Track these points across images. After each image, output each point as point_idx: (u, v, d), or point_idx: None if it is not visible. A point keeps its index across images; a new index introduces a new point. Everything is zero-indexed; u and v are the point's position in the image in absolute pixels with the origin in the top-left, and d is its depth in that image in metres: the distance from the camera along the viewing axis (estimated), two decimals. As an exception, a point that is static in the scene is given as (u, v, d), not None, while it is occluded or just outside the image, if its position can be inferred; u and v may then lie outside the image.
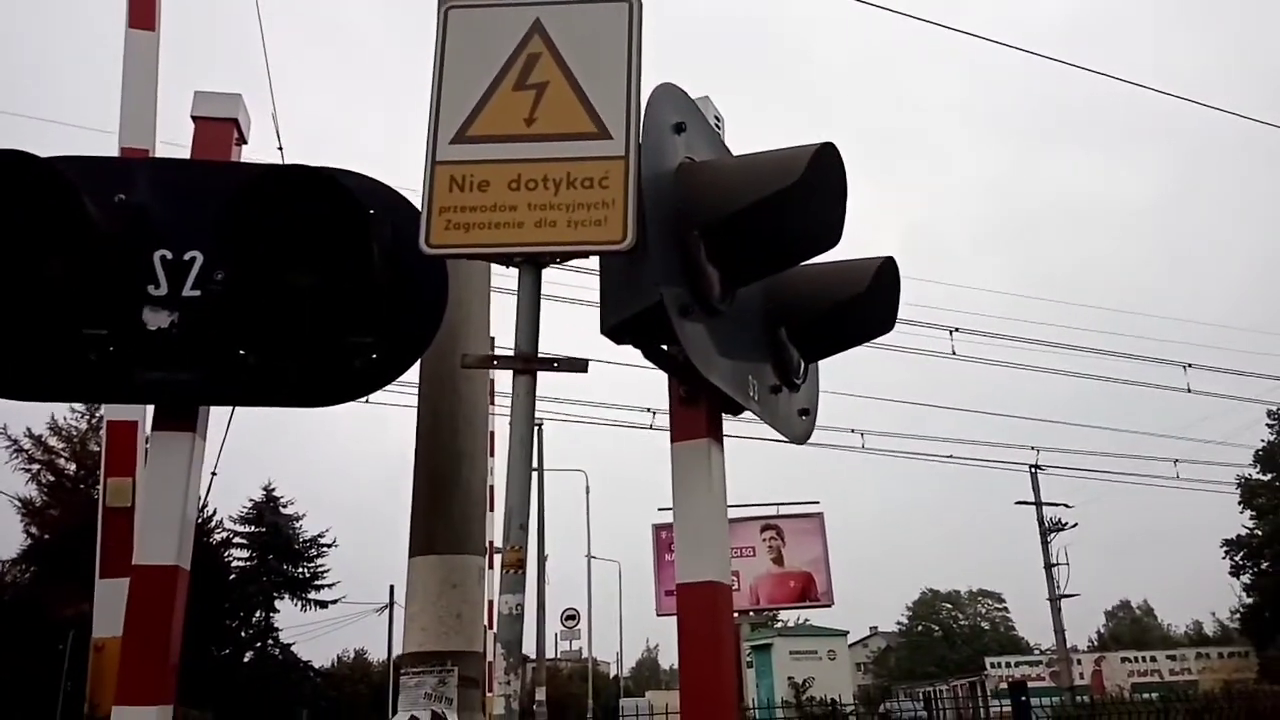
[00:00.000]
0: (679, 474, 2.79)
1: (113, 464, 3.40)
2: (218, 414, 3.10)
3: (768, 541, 24.91)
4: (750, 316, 2.97)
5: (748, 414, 3.06)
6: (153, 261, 2.68)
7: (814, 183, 2.47)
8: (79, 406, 35.26)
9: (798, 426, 3.39)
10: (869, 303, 3.07)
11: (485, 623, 3.88)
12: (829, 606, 25.05)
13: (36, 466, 36.73)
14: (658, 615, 25.17)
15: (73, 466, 37.38)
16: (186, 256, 2.70)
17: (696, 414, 2.82)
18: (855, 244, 2.87)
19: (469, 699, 3.46)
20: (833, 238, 2.71)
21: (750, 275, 2.81)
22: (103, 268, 2.57)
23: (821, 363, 3.61)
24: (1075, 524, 39.50)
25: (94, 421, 35.27)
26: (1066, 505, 39.67)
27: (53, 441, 37.09)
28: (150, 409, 3.13)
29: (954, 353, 27.96)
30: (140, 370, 2.65)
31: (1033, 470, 38.25)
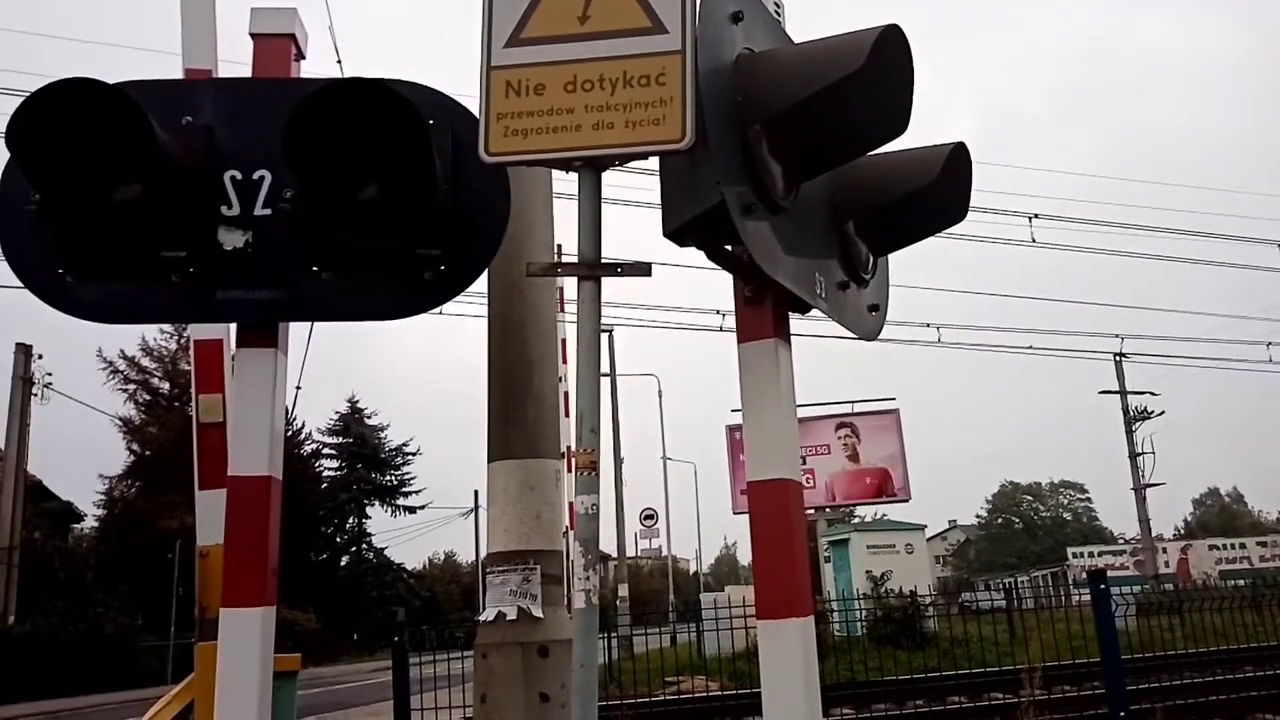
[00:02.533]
0: (747, 374, 2.80)
1: (202, 381, 3.54)
2: (298, 330, 3.19)
3: (842, 439, 24.94)
4: (815, 212, 2.91)
5: (819, 313, 3.04)
6: (223, 182, 2.74)
7: (878, 69, 2.37)
8: (167, 328, 36.87)
9: (868, 323, 3.35)
10: (940, 192, 2.98)
11: (565, 524, 4.01)
12: (906, 502, 25.13)
13: (132, 387, 38.74)
14: (734, 513, 25.56)
15: (166, 385, 39.25)
16: (255, 176, 2.75)
17: (762, 314, 2.80)
18: (928, 123, 2.77)
19: (552, 595, 3.60)
20: (899, 125, 2.62)
21: (814, 169, 2.75)
22: (176, 190, 2.63)
23: (893, 256, 3.54)
24: (1162, 412, 38.62)
25: (182, 341, 36.75)
26: (1152, 393, 38.73)
27: (145, 362, 38.99)
28: (233, 327, 3.24)
29: (1033, 240, 27.11)
30: (220, 289, 2.73)
31: (1117, 358, 37.31)
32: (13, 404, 27.13)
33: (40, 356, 27.85)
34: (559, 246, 4.47)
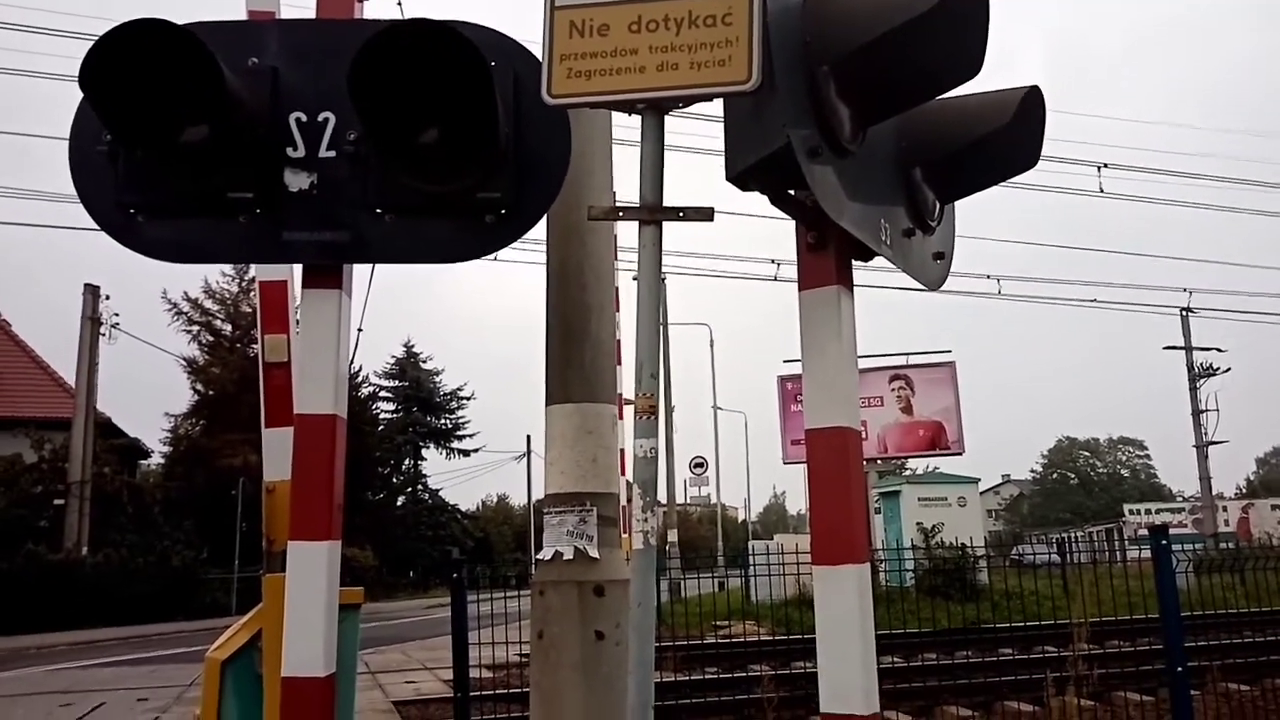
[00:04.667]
0: (807, 322, 2.77)
1: (267, 321, 3.61)
2: (359, 273, 3.23)
3: (896, 391, 24.74)
4: (882, 156, 2.86)
5: (882, 262, 2.99)
6: (288, 123, 2.76)
7: (951, 8, 2.30)
8: (229, 271, 37.62)
9: (932, 271, 3.29)
10: (1011, 137, 2.90)
11: (619, 469, 4.05)
12: (959, 455, 24.92)
13: (196, 328, 39.63)
14: (784, 463, 25.60)
15: (228, 327, 40.11)
16: (320, 118, 2.76)
17: (825, 260, 2.77)
18: (993, 66, 2.67)
19: (607, 536, 3.65)
20: (972, 68, 2.54)
21: (882, 112, 2.68)
22: (242, 132, 2.66)
23: (956, 205, 3.47)
24: (1228, 369, 37.62)
25: (244, 284, 37.47)
26: (1219, 350, 37.72)
27: (208, 304, 39.82)
28: (298, 268, 3.29)
29: (1101, 190, 26.35)
30: (285, 231, 2.77)
31: (1183, 313, 36.33)
32: (82, 343, 27.99)
33: (108, 297, 28.69)
34: (614, 193, 4.45)
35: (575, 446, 3.68)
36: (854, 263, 2.88)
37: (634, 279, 2.58)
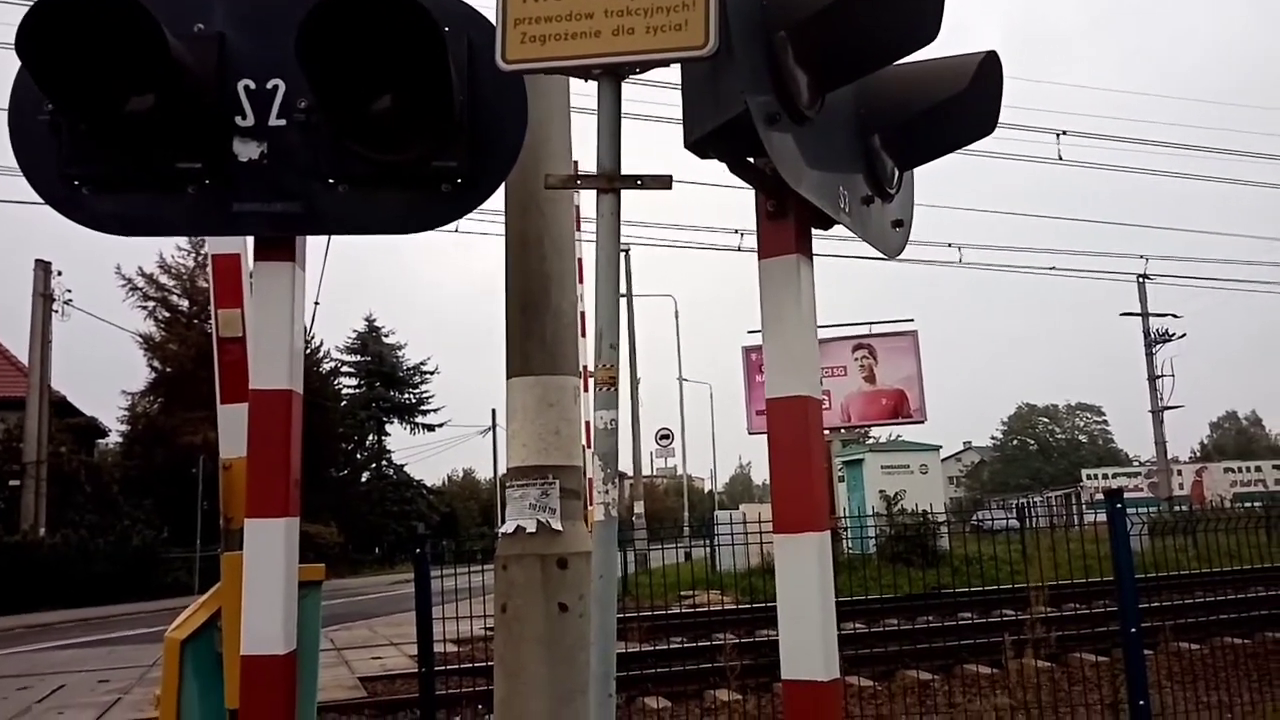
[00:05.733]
0: (767, 290, 2.77)
1: (221, 295, 3.53)
2: (315, 245, 3.17)
3: (859, 360, 24.96)
4: (840, 123, 2.84)
5: (843, 231, 2.98)
6: (237, 91, 2.68)
7: (909, -28, 2.29)
8: (185, 245, 36.97)
9: (891, 239, 3.30)
10: (968, 103, 2.89)
11: (583, 441, 4.03)
12: (921, 423, 25.25)
13: (152, 304, 38.99)
14: (749, 433, 25.80)
15: (185, 303, 39.51)
16: (269, 85, 2.69)
17: (784, 228, 2.76)
18: (951, 31, 2.66)
19: (570, 509, 3.63)
20: (929, 32, 2.53)
21: (840, 78, 2.66)
22: (189, 100, 2.58)
23: (916, 175, 3.47)
24: (1183, 335, 38.37)
25: (200, 259, 36.84)
26: (1175, 316, 38.44)
27: (164, 280, 39.18)
28: (250, 241, 3.22)
29: (1060, 158, 26.59)
30: (236, 202, 2.70)
31: (1140, 280, 36.93)
32: (34, 320, 27.40)
33: (60, 273, 28.08)
34: (575, 163, 4.40)
35: (537, 419, 3.66)
36: (814, 231, 2.88)
37: (594, 247, 2.55)
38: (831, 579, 2.75)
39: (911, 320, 25.19)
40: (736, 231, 23.95)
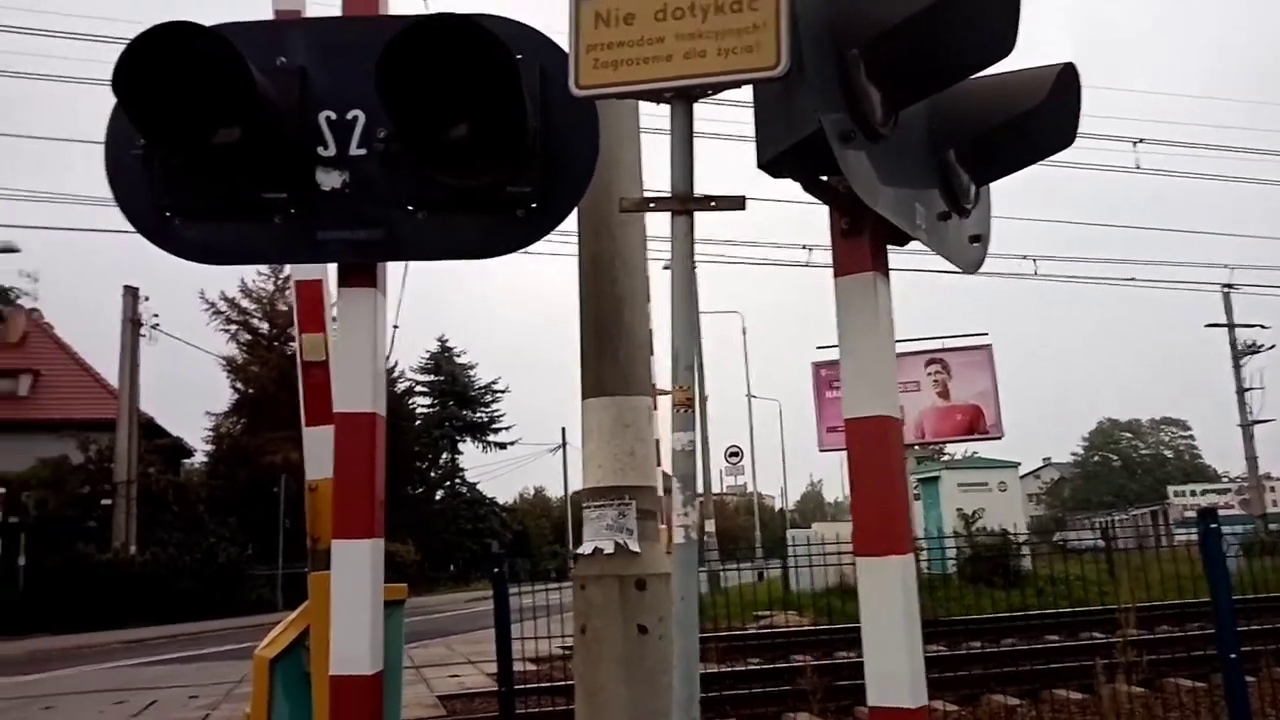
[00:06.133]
0: (844, 309, 2.74)
1: (304, 320, 3.63)
2: (393, 269, 3.23)
3: (932, 375, 24.47)
4: (915, 139, 2.81)
5: (916, 244, 2.94)
6: (319, 122, 2.76)
7: (984, -17, 2.25)
8: (265, 269, 38.02)
9: (969, 254, 3.24)
10: (1046, 116, 2.83)
11: (656, 461, 4.03)
12: (998, 439, 24.61)
13: (234, 327, 40.22)
14: (820, 450, 25.46)
15: (265, 326, 40.60)
16: (349, 116, 2.77)
17: (860, 246, 2.73)
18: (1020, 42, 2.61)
19: (647, 530, 3.63)
20: (1005, 47, 2.48)
21: (915, 94, 2.63)
22: (274, 132, 2.67)
23: (991, 186, 3.41)
24: (1272, 345, 36.86)
25: (280, 283, 37.90)
26: (1262, 326, 36.97)
27: (245, 303, 40.38)
28: (332, 266, 3.30)
29: (1138, 166, 25.86)
30: (320, 230, 2.78)
31: (1225, 290, 35.63)
32: (123, 345, 28.46)
33: (147, 299, 29.10)
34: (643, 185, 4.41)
35: (613, 440, 3.67)
36: (889, 247, 2.84)
37: (665, 268, 2.56)
38: (916, 604, 2.70)
39: (985, 334, 24.62)
40: (805, 246, 23.77)
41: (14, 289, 37.05)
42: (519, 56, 2.60)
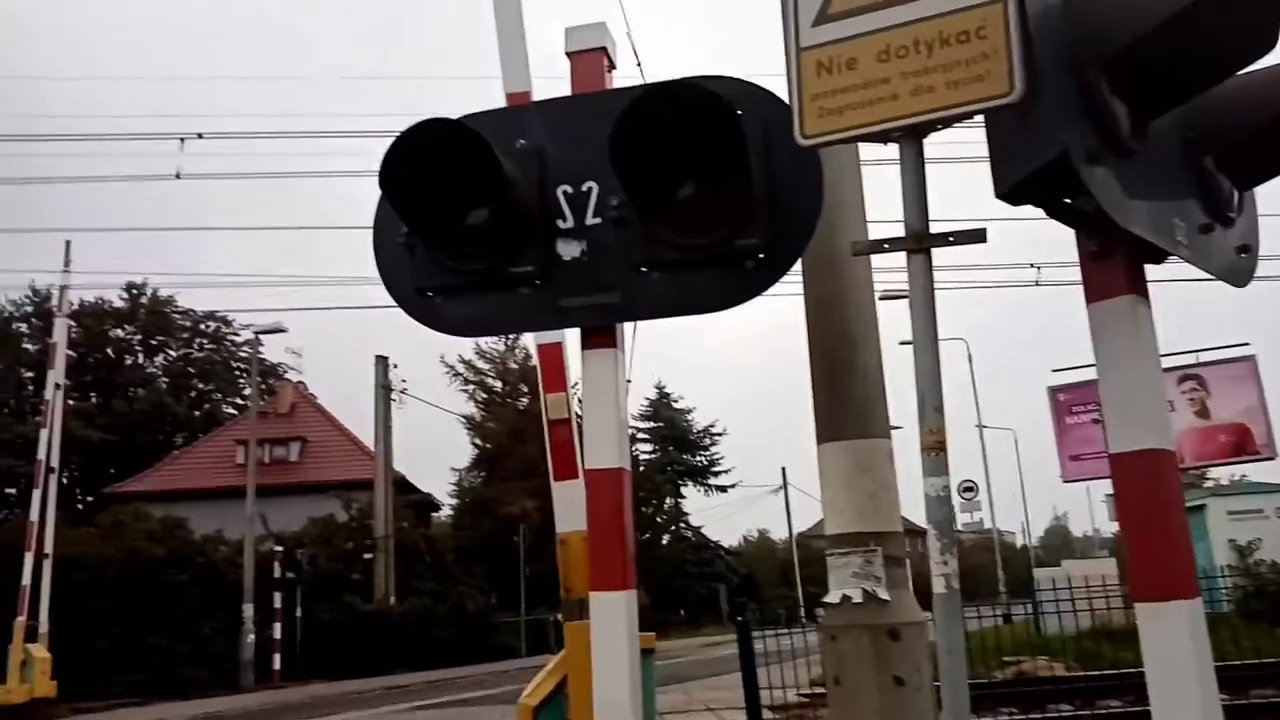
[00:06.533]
0: (1100, 337, 2.58)
1: (548, 381, 3.83)
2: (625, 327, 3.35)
3: (1188, 394, 22.37)
4: (1168, 149, 2.62)
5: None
6: (557, 196, 2.94)
7: (1240, -21, 2.09)
8: (495, 331, 40.31)
9: (1238, 266, 2.97)
10: (1318, 108, 2.58)
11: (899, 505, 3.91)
12: (1271, 460, 22.10)
13: (471, 387, 42.73)
14: (1063, 481, 23.81)
15: (499, 384, 42.87)
16: (584, 188, 2.93)
17: (1113, 268, 2.57)
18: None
19: (896, 577, 3.53)
20: (1267, 42, 2.29)
21: (1165, 104, 2.46)
22: (519, 210, 2.87)
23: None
24: None
25: (509, 343, 40.01)
26: None
27: (480, 364, 42.88)
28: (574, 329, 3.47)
29: None
30: (563, 297, 2.94)
31: None
32: (377, 410, 30.92)
33: (395, 366, 31.56)
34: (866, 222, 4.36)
35: (852, 485, 3.60)
36: (1147, 266, 2.66)
37: (903, 301, 2.50)
38: (1209, 652, 2.47)
39: (1247, 344, 22.27)
40: (1033, 265, 22.49)
41: (282, 364, 41.23)
42: (740, 112, 2.66)
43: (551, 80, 3.46)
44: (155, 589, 23.72)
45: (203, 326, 45.23)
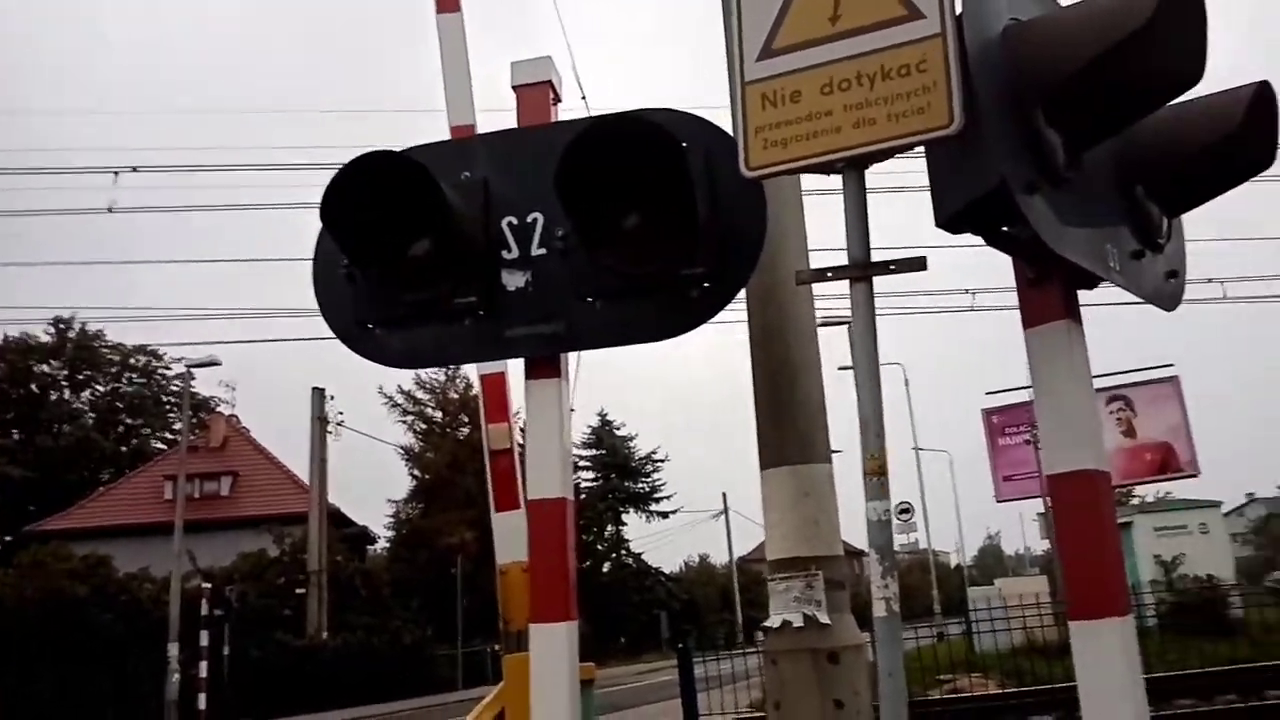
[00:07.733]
0: (1037, 361, 2.65)
1: (490, 412, 3.79)
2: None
3: (1115, 414, 23.09)
4: (1101, 179, 2.70)
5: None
6: (502, 228, 2.92)
7: (1169, 15, 2.16)
8: (433, 360, 39.81)
9: (1167, 291, 3.07)
10: (1240, 140, 2.68)
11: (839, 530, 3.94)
12: (1194, 477, 22.90)
13: (410, 418, 42.03)
14: (997, 501, 24.34)
15: (439, 414, 42.26)
16: (529, 219, 2.91)
17: (1049, 295, 2.64)
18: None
19: (836, 600, 3.55)
20: (1194, 76, 2.38)
21: (1099, 135, 2.54)
22: (463, 241, 2.84)
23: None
24: None
25: (449, 373, 39.50)
26: None
27: (420, 395, 42.21)
28: (518, 361, 3.44)
29: (1326, 175, 23.93)
30: (508, 328, 2.91)
31: None
32: (313, 442, 30.24)
33: (332, 398, 30.93)
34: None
35: (795, 509, 3.63)
36: (1080, 292, 2.74)
37: (840, 328, 2.53)
38: (1139, 668, 2.54)
39: (1171, 365, 23.06)
40: (967, 291, 23.04)
41: (215, 398, 40.17)
42: (684, 144, 2.68)
43: (495, 114, 3.45)
44: (77, 629, 22.82)
45: (133, 360, 43.92)
